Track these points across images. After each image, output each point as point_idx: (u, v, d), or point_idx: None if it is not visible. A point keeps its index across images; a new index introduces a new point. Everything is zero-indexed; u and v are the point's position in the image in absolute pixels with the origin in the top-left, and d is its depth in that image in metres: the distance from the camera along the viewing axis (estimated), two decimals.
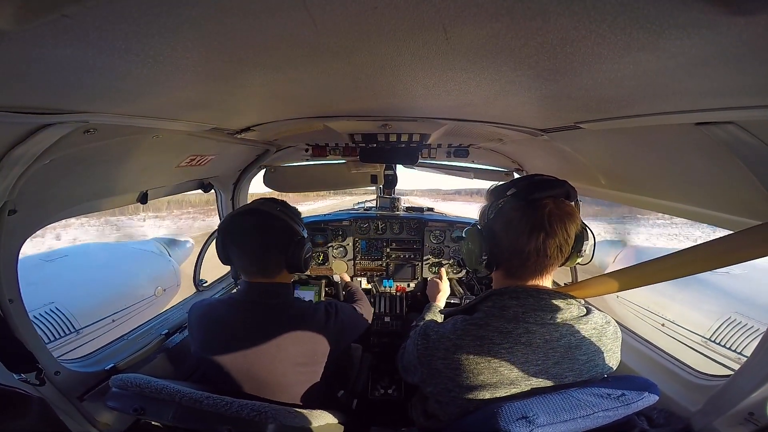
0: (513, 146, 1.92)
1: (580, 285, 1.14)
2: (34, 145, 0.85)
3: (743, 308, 3.15)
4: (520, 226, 0.88)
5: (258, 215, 1.18)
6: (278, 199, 1.29)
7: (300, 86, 0.85)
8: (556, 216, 0.86)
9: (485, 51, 0.59)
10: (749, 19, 0.40)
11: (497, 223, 0.94)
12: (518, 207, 0.90)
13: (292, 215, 1.23)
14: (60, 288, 3.25)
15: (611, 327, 0.95)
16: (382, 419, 2.02)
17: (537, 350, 0.86)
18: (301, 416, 1.00)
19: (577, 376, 0.88)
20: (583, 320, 0.91)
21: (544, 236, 0.86)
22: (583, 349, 0.89)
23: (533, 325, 0.87)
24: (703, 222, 1.15)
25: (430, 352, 0.94)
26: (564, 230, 0.87)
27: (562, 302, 0.91)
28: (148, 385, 0.93)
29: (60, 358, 1.19)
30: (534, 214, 0.87)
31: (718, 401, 0.97)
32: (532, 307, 0.90)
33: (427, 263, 2.57)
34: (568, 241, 0.89)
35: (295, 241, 1.20)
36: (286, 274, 1.26)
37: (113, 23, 0.45)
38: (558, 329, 0.88)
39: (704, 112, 0.75)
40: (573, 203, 0.93)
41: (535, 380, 0.85)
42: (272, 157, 2.28)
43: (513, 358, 0.85)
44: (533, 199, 0.88)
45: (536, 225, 0.86)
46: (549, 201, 0.88)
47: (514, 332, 0.87)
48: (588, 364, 0.89)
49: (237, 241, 1.18)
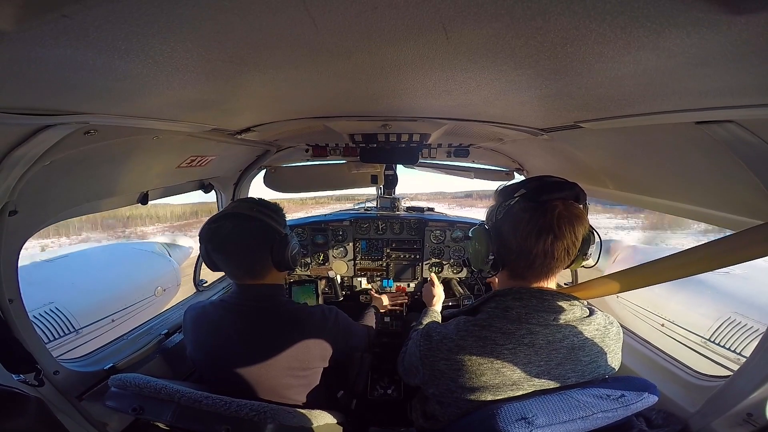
0: (513, 146, 1.92)
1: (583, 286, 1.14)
2: (35, 146, 0.85)
3: (743, 308, 3.15)
4: (529, 227, 0.87)
5: (234, 219, 1.15)
6: (256, 198, 1.27)
7: (300, 86, 0.85)
8: (565, 218, 0.86)
9: (485, 51, 0.59)
10: (749, 19, 0.40)
11: (505, 224, 0.93)
12: (527, 208, 0.89)
13: (270, 214, 1.20)
14: (60, 288, 3.25)
15: (614, 328, 0.95)
16: (382, 419, 2.02)
17: (540, 351, 0.86)
18: (300, 416, 1.00)
19: (579, 377, 0.88)
20: (586, 321, 0.91)
21: (552, 238, 0.86)
22: (586, 351, 0.89)
23: (536, 326, 0.87)
24: (704, 221, 1.15)
25: (433, 353, 0.94)
26: (572, 233, 0.86)
27: (566, 303, 0.91)
28: (147, 385, 0.93)
29: (59, 357, 1.19)
30: (543, 215, 0.86)
31: (717, 402, 0.97)
32: (535, 308, 0.90)
33: (428, 263, 2.57)
34: (576, 243, 0.89)
35: (277, 240, 1.18)
36: (276, 274, 1.24)
37: (113, 23, 0.45)
38: (561, 330, 0.88)
39: (704, 111, 0.75)
40: (582, 206, 0.93)
41: (537, 381, 0.85)
42: (272, 157, 2.28)
43: (516, 359, 0.85)
44: (543, 200, 0.88)
45: (545, 227, 0.86)
46: (559, 203, 0.87)
47: (516, 333, 0.87)
48: (591, 365, 0.89)
49: (218, 248, 1.16)
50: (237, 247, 1.15)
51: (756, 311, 3.07)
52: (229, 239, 1.14)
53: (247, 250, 1.16)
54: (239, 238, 1.14)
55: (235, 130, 1.45)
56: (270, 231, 1.18)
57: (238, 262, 1.17)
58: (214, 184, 2.14)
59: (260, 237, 1.16)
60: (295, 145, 2.16)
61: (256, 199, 1.26)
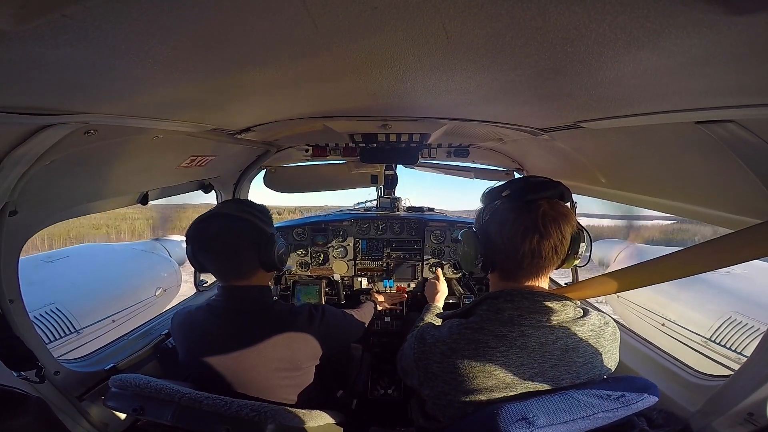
0: (513, 146, 1.92)
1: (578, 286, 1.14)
2: (35, 145, 0.85)
3: (743, 308, 3.14)
4: (515, 227, 0.88)
5: (221, 218, 1.16)
6: (242, 199, 1.28)
7: (300, 86, 0.85)
8: (550, 217, 0.86)
9: (485, 50, 0.59)
10: (749, 19, 0.40)
11: (492, 225, 0.94)
12: (513, 208, 0.90)
13: (257, 214, 1.20)
14: (60, 288, 3.25)
15: (609, 328, 0.95)
16: (382, 419, 2.02)
17: (533, 353, 0.86)
18: (300, 416, 1.00)
19: (574, 378, 0.88)
20: (579, 322, 0.90)
21: (538, 237, 0.86)
22: (580, 352, 0.88)
23: (529, 328, 0.87)
24: (704, 221, 1.15)
25: (426, 356, 0.94)
26: (558, 231, 0.87)
27: (558, 304, 0.91)
28: (148, 385, 0.93)
29: (60, 358, 1.20)
30: (528, 215, 0.87)
31: (718, 401, 0.97)
32: (527, 309, 0.90)
33: (428, 263, 2.57)
34: (563, 242, 0.89)
35: (264, 240, 1.17)
36: (263, 274, 1.24)
37: (113, 23, 0.45)
38: (554, 332, 0.88)
39: (704, 110, 0.75)
40: (568, 204, 0.93)
41: (531, 384, 0.85)
42: (272, 157, 2.28)
43: (508, 362, 0.85)
44: (528, 200, 0.88)
45: (530, 226, 0.86)
46: (543, 202, 0.88)
47: (509, 336, 0.87)
48: (585, 366, 0.89)
49: (205, 248, 1.16)
50: (224, 245, 1.14)
51: (757, 311, 3.07)
52: (216, 238, 1.14)
53: (235, 249, 1.15)
54: (227, 236, 1.14)
55: (235, 130, 1.45)
56: (257, 230, 1.17)
57: (225, 261, 1.17)
58: (214, 184, 2.14)
59: (247, 236, 1.16)
60: (295, 145, 2.16)
61: (242, 200, 1.26)
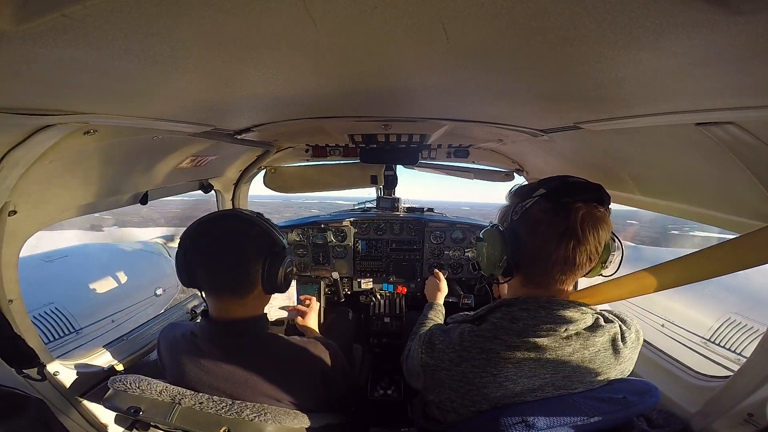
0: (513, 146, 1.92)
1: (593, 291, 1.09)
2: (35, 145, 0.85)
3: (743, 308, 3.14)
4: (549, 230, 0.81)
5: (234, 218, 1.04)
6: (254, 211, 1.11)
7: (300, 86, 0.85)
8: (589, 222, 0.80)
9: (485, 51, 0.58)
10: (749, 19, 0.40)
11: (522, 226, 0.86)
12: (548, 209, 0.82)
13: (272, 225, 1.08)
14: (60, 288, 3.25)
15: (632, 334, 0.89)
16: (382, 420, 2.02)
17: (546, 365, 0.81)
18: (300, 417, 1.00)
19: (587, 386, 0.84)
20: (598, 332, 0.85)
21: (575, 243, 0.80)
22: (597, 363, 0.84)
23: (544, 340, 0.82)
24: (704, 222, 1.15)
25: (435, 363, 0.91)
26: (596, 238, 0.80)
27: (576, 313, 0.84)
28: (148, 386, 0.93)
29: (59, 358, 1.19)
30: (566, 218, 0.80)
31: (718, 402, 0.97)
32: (543, 320, 0.84)
33: (428, 264, 2.57)
34: (599, 249, 0.82)
35: (274, 252, 1.02)
36: (261, 298, 1.07)
37: (113, 23, 0.45)
38: (570, 344, 0.83)
39: (704, 112, 0.75)
40: (605, 209, 0.85)
41: (540, 393, 0.82)
42: (272, 157, 2.28)
43: (519, 372, 0.81)
44: (564, 202, 0.81)
45: (567, 230, 0.79)
46: (582, 205, 0.81)
47: (523, 347, 0.82)
48: (600, 377, 0.84)
49: (206, 250, 0.98)
50: (231, 250, 0.98)
51: (756, 312, 3.07)
52: (224, 240, 0.98)
53: (242, 257, 0.99)
54: (237, 240, 0.99)
55: (235, 130, 1.45)
56: (271, 240, 1.03)
57: (228, 271, 0.99)
58: (213, 184, 2.14)
59: (260, 244, 1.01)
60: (294, 145, 2.16)
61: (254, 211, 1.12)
